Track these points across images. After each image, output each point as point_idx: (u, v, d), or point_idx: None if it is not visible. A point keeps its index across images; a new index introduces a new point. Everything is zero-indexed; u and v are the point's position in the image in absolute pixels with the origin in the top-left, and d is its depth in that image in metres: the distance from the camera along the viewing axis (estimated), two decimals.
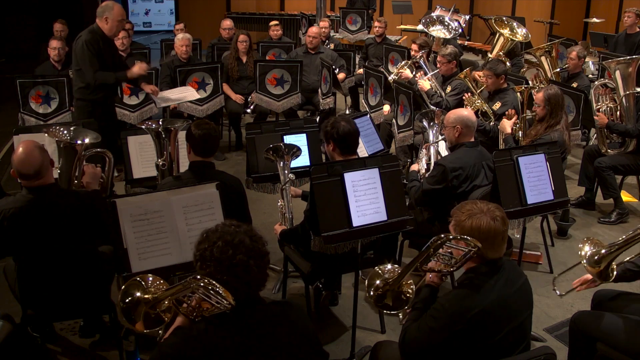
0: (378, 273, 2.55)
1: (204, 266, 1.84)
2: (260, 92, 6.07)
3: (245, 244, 1.83)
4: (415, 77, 5.72)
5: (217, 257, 1.81)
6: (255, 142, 3.80)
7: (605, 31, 9.73)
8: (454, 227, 2.24)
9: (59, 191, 2.93)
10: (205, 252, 1.84)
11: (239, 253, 1.81)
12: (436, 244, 2.30)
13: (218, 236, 1.84)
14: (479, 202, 2.26)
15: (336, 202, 2.96)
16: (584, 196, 5.27)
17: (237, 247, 1.82)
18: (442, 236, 2.29)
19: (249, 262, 1.82)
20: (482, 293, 2.18)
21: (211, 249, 1.82)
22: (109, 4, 4.72)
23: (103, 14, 4.71)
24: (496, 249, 2.22)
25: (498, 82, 4.98)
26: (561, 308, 3.70)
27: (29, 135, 3.80)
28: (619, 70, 4.99)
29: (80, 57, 4.71)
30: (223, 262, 1.81)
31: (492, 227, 2.17)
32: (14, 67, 9.30)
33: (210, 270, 1.83)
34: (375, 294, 2.51)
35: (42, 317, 3.02)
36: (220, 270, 1.81)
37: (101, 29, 4.73)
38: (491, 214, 2.19)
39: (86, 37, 4.68)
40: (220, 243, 1.82)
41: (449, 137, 3.78)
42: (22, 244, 2.82)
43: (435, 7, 8.86)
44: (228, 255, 1.81)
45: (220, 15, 10.78)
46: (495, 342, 2.18)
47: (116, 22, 4.76)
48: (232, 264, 1.81)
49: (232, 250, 1.81)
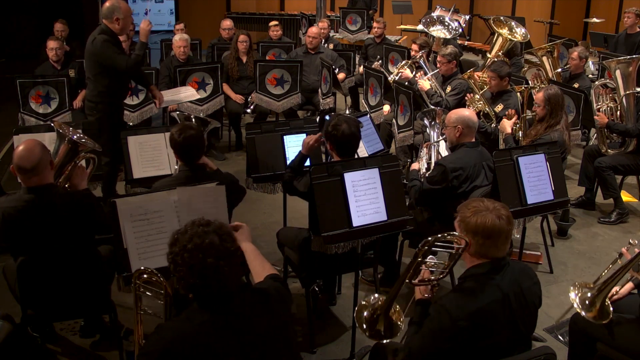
0: (364, 305, 2.58)
1: (176, 269, 1.87)
2: (260, 92, 6.07)
3: (215, 245, 1.85)
4: (415, 77, 5.72)
5: (188, 262, 1.83)
6: (255, 142, 3.80)
7: (605, 31, 9.73)
8: (459, 223, 2.24)
9: (57, 191, 2.92)
10: (177, 257, 1.86)
11: (208, 256, 1.83)
12: (423, 250, 2.31)
13: (188, 239, 1.86)
14: (485, 200, 2.26)
15: (336, 202, 2.96)
16: (584, 196, 5.27)
17: (206, 250, 1.83)
18: (429, 239, 2.29)
19: (218, 264, 1.83)
20: (483, 291, 2.18)
21: (182, 254, 1.84)
22: (115, 4, 4.57)
23: (112, 15, 4.56)
24: (499, 248, 2.21)
25: (502, 84, 4.98)
26: (561, 308, 3.70)
27: (29, 135, 3.81)
28: (619, 70, 4.99)
29: (106, 56, 4.53)
30: (194, 267, 1.83)
31: (497, 225, 2.17)
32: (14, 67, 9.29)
33: (182, 274, 1.85)
34: (367, 323, 2.53)
35: (42, 317, 3.02)
36: (192, 274, 1.84)
37: (111, 29, 4.58)
38: (497, 212, 2.19)
39: (101, 37, 4.53)
40: (190, 246, 1.84)
41: (450, 137, 3.77)
42: (20, 243, 2.83)
43: (435, 7, 8.85)
44: (199, 259, 1.82)
45: (220, 15, 10.77)
46: (496, 342, 2.18)
47: (128, 20, 4.67)
48: (203, 267, 1.83)
49: (202, 254, 1.83)
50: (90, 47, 4.59)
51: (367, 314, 2.54)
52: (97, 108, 4.68)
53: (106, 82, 4.63)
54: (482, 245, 2.19)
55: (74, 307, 3.00)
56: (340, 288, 3.86)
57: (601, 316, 2.63)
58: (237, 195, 3.35)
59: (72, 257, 2.88)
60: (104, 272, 3.05)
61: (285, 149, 3.86)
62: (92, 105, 4.70)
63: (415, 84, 5.58)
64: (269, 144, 3.83)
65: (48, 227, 2.80)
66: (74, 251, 2.89)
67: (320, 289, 3.76)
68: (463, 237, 2.22)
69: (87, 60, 4.69)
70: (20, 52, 10.65)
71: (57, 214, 2.82)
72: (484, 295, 2.18)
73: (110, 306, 3.06)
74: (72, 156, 3.26)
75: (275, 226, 4.42)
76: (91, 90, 4.71)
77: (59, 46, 6.06)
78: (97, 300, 3.03)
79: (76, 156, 3.26)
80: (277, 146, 3.85)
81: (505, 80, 4.98)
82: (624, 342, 2.61)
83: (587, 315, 2.63)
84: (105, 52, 4.54)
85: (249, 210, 4.94)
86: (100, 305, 3.07)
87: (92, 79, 4.68)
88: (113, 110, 4.77)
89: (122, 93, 4.93)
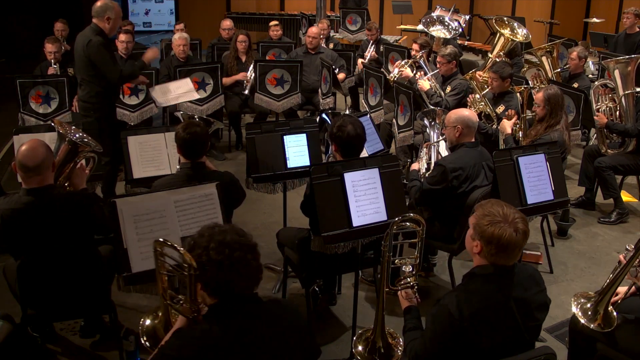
0: (357, 341, 2.70)
1: (203, 270, 1.81)
2: (260, 92, 6.07)
3: (238, 240, 1.82)
4: (415, 76, 5.72)
5: (215, 259, 1.78)
6: (255, 142, 3.80)
7: (605, 31, 9.73)
8: (474, 225, 2.20)
9: (56, 192, 2.92)
10: (202, 258, 1.80)
11: (236, 250, 1.79)
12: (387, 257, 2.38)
13: (207, 239, 1.82)
14: (505, 207, 2.20)
15: (336, 202, 2.96)
16: (584, 196, 5.27)
17: (231, 245, 1.80)
18: (386, 234, 2.37)
19: (246, 257, 1.81)
20: (486, 293, 2.17)
21: (206, 252, 1.79)
22: (108, 3, 4.54)
23: (104, 14, 4.53)
24: (511, 259, 2.19)
25: (503, 85, 4.98)
26: (561, 308, 3.70)
27: (29, 135, 3.80)
28: (618, 70, 4.99)
29: (100, 60, 4.50)
30: (223, 262, 1.78)
31: (513, 240, 2.13)
32: (14, 67, 9.30)
33: (211, 273, 1.80)
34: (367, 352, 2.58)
35: (42, 317, 3.02)
36: (221, 271, 1.79)
37: (102, 29, 4.56)
38: (514, 225, 2.14)
39: (97, 39, 4.49)
40: (214, 244, 1.80)
41: (450, 137, 3.77)
42: (19, 244, 2.83)
43: (435, 7, 8.85)
44: (226, 255, 1.78)
45: (220, 15, 10.77)
46: (497, 343, 2.17)
47: (117, 21, 4.65)
48: (232, 263, 1.78)
49: (228, 249, 1.79)
50: (86, 50, 4.52)
51: (361, 347, 2.61)
52: (94, 108, 4.64)
53: (103, 83, 4.61)
54: (493, 254, 2.17)
55: (74, 307, 3.00)
56: (340, 288, 3.86)
57: (606, 324, 2.62)
58: (236, 196, 3.36)
59: (72, 257, 2.88)
60: (104, 272, 3.05)
61: (285, 149, 3.85)
62: (88, 106, 4.65)
63: (415, 84, 5.58)
64: (269, 144, 3.83)
65: (47, 227, 2.80)
66: (74, 251, 2.88)
67: (320, 289, 3.76)
68: (420, 220, 2.25)
69: (82, 62, 4.60)
70: (20, 52, 10.66)
71: (57, 214, 2.81)
72: (486, 296, 2.17)
73: (110, 306, 3.06)
74: (72, 156, 3.26)
75: (275, 226, 4.42)
76: (87, 91, 4.65)
77: (57, 49, 6.05)
78: (97, 300, 3.03)
79: (76, 156, 3.26)
80: (277, 146, 3.85)
81: (507, 82, 4.98)
82: (624, 342, 2.61)
83: (592, 325, 2.62)
84: (101, 58, 4.50)
85: (249, 210, 4.95)
86: (100, 305, 3.07)
87: (87, 80, 4.63)
88: (110, 110, 4.77)
89: (117, 92, 4.94)
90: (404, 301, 2.56)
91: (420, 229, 2.59)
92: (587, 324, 2.63)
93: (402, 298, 2.57)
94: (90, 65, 4.56)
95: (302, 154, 3.89)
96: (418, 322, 2.47)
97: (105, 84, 4.62)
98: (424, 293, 3.84)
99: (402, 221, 2.64)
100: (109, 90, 4.69)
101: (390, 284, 2.60)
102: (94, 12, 4.59)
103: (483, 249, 2.18)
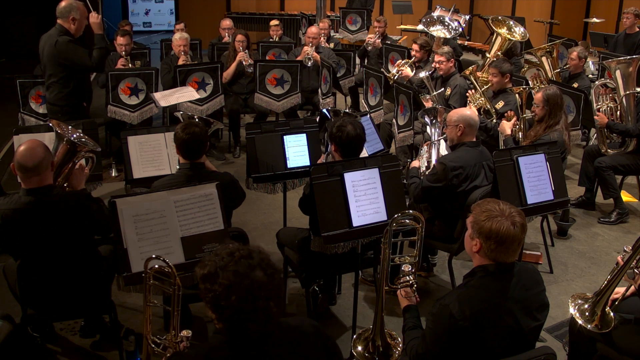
0: (356, 341, 2.68)
1: (218, 311, 1.64)
2: (260, 92, 6.07)
3: (263, 283, 1.64)
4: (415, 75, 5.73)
5: (236, 305, 1.61)
6: (255, 142, 3.80)
7: (605, 31, 9.73)
8: (472, 224, 2.22)
9: (56, 192, 2.92)
10: (219, 298, 1.62)
11: (258, 298, 1.62)
12: (387, 254, 2.40)
13: (231, 276, 1.62)
14: (501, 203, 2.22)
15: (336, 202, 2.96)
16: (584, 196, 5.27)
17: (255, 291, 1.62)
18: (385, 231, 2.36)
19: (268, 305, 1.64)
20: (487, 293, 2.17)
21: (226, 294, 1.61)
22: (72, 4, 4.47)
23: (69, 14, 4.49)
24: (510, 254, 2.20)
25: (503, 81, 4.99)
26: (561, 308, 3.70)
27: (29, 135, 3.81)
28: (619, 70, 5.00)
29: (73, 54, 4.50)
30: (243, 309, 1.62)
31: (511, 233, 2.14)
32: (14, 67, 9.29)
33: (227, 317, 1.64)
34: (367, 352, 2.60)
35: (42, 317, 3.03)
36: (238, 317, 1.64)
37: (67, 29, 4.51)
38: (512, 218, 2.16)
39: (63, 38, 4.49)
40: (236, 288, 1.61)
41: (451, 136, 3.78)
42: (20, 244, 2.82)
43: (435, 7, 8.85)
44: (248, 302, 1.62)
45: (220, 15, 10.76)
46: (497, 343, 2.17)
47: (83, 22, 4.59)
48: (253, 311, 1.63)
49: (252, 295, 1.61)
50: (53, 50, 4.51)
51: (361, 348, 2.61)
52: (62, 111, 4.63)
53: (73, 83, 4.61)
54: (493, 250, 2.17)
55: (74, 307, 3.00)
56: (340, 288, 3.86)
57: (604, 325, 2.62)
58: (236, 196, 3.35)
59: (72, 257, 2.88)
60: (104, 272, 3.05)
61: (285, 149, 3.86)
62: (57, 109, 4.65)
63: (415, 84, 5.58)
64: (269, 144, 3.83)
65: (47, 227, 2.80)
66: (74, 251, 2.88)
67: (320, 289, 3.76)
68: (420, 217, 2.24)
69: (50, 63, 4.59)
70: (20, 52, 10.65)
71: (56, 215, 2.81)
72: (487, 297, 2.17)
73: (110, 306, 3.06)
74: (70, 156, 3.26)
75: (275, 226, 4.43)
76: (55, 93, 4.64)
77: None
78: (97, 300, 3.03)
79: (75, 156, 3.26)
80: (277, 146, 3.85)
81: (506, 77, 4.99)
82: (623, 342, 2.61)
83: (590, 326, 2.61)
84: (70, 53, 4.49)
85: (249, 210, 4.95)
86: (100, 305, 3.07)
87: (56, 82, 4.62)
88: (80, 113, 4.73)
89: (85, 94, 4.87)
90: (403, 300, 2.56)
91: (419, 226, 2.60)
92: (584, 325, 2.63)
93: (401, 297, 2.57)
94: (61, 65, 4.55)
95: (302, 154, 3.90)
96: (417, 321, 2.47)
97: (75, 84, 4.60)
98: (424, 293, 3.85)
99: (401, 218, 2.64)
100: (78, 90, 4.67)
101: (390, 282, 2.60)
102: (58, 13, 4.55)
103: (482, 246, 2.18)
